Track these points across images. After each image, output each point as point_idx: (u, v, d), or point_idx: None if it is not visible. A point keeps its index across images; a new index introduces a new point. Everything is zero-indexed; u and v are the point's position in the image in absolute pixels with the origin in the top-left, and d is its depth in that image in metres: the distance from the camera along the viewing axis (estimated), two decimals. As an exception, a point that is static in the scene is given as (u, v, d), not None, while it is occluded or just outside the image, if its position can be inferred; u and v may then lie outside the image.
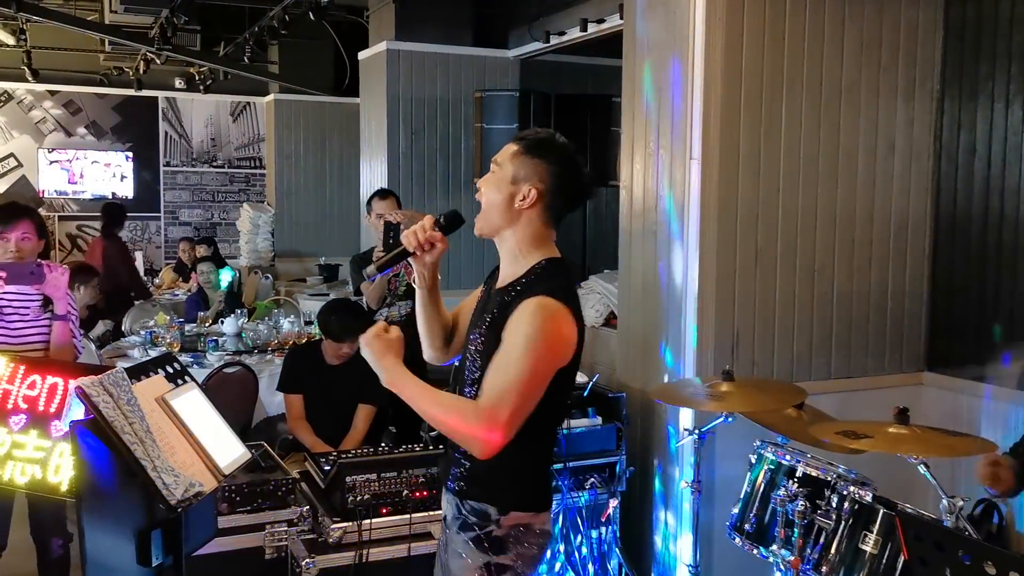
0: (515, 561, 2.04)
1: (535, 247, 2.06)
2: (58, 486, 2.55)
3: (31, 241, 3.16)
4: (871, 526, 2.31)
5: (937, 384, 3.77)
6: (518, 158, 2.05)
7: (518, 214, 2.04)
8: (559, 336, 1.96)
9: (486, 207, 2.07)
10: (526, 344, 1.92)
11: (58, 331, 3.14)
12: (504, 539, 2.03)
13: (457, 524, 2.09)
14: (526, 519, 2.05)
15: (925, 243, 3.83)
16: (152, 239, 11.00)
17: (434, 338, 2.27)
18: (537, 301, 1.95)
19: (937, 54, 3.77)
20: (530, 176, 2.03)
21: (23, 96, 10.42)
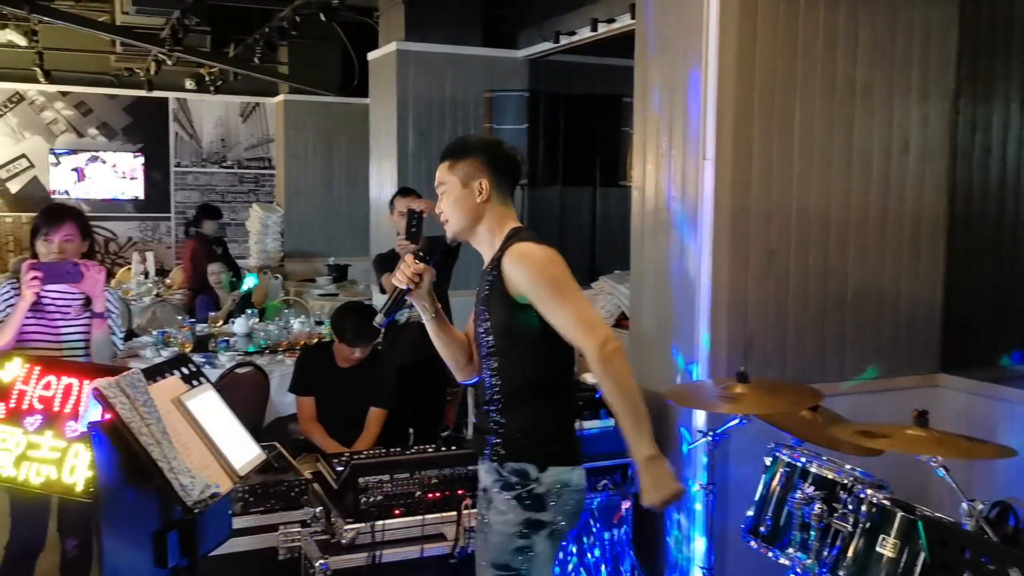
0: (554, 517, 2.23)
1: (502, 227, 2.34)
2: (73, 486, 2.55)
3: (74, 242, 3.20)
4: (888, 529, 2.29)
5: (952, 386, 3.75)
6: (454, 167, 2.35)
7: (481, 209, 2.33)
8: (552, 257, 2.22)
9: (454, 218, 2.35)
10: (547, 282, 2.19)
11: (97, 329, 3.16)
12: (544, 496, 2.22)
13: (499, 485, 2.26)
14: (564, 474, 2.24)
15: (940, 244, 3.80)
16: (162, 239, 11.04)
17: (457, 358, 2.48)
18: (513, 250, 2.23)
19: (952, 54, 3.74)
20: (473, 173, 2.32)
21: (35, 97, 10.46)
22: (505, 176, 2.36)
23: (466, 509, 2.96)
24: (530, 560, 2.24)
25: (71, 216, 3.26)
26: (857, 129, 3.59)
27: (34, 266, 3.04)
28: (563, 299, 2.17)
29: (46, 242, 3.18)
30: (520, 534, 2.23)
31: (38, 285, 3.02)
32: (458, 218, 2.34)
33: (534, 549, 2.24)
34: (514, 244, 2.25)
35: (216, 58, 9.11)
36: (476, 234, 2.36)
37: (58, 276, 3.07)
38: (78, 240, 3.22)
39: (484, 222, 2.34)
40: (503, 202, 2.36)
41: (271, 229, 10.36)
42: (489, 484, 2.31)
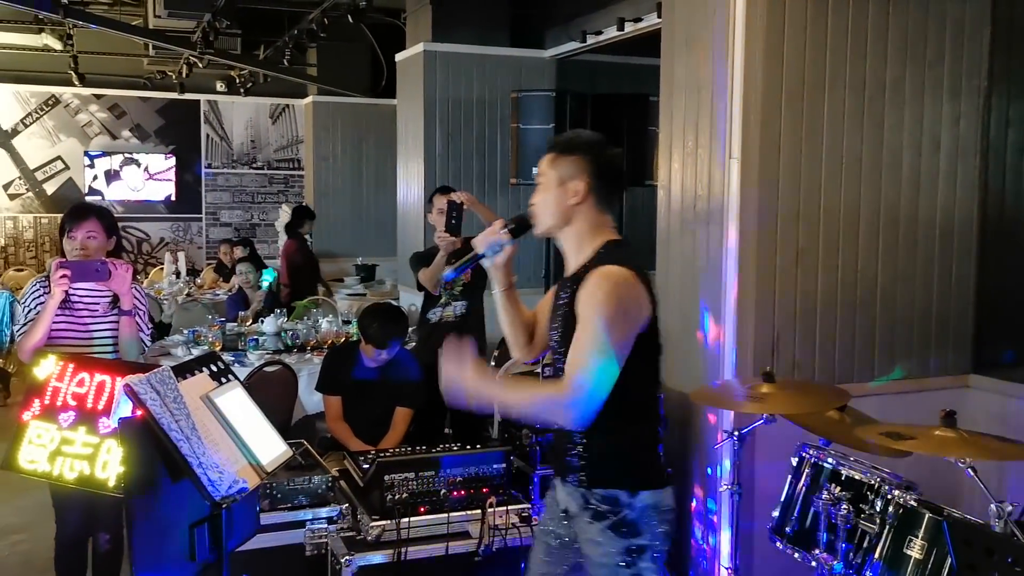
0: (652, 540, 2.18)
1: (594, 235, 2.22)
2: (105, 482, 2.60)
3: (97, 239, 3.23)
4: (916, 531, 2.26)
5: (984, 387, 3.69)
6: (556, 161, 2.24)
7: (572, 210, 2.21)
8: (627, 297, 2.09)
9: (543, 213, 2.25)
10: (596, 310, 2.06)
11: (125, 326, 3.20)
12: (638, 521, 2.16)
13: (588, 515, 2.19)
14: (655, 497, 2.18)
15: (972, 243, 3.74)
16: (194, 240, 11.18)
17: (518, 336, 2.42)
18: (604, 271, 2.11)
19: (984, 50, 3.69)
20: (573, 173, 2.21)
21: (70, 100, 10.66)
22: (606, 182, 2.24)
23: (490, 507, 2.98)
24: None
25: (94, 213, 3.29)
26: (887, 127, 3.55)
27: (62, 264, 3.07)
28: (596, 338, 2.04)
29: (70, 239, 3.23)
30: (624, 563, 2.16)
31: (66, 283, 3.05)
32: (547, 216, 2.24)
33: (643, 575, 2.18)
34: (608, 265, 2.12)
35: (246, 60, 9.22)
36: (564, 236, 2.26)
37: (86, 274, 3.10)
38: (102, 238, 3.25)
39: (574, 225, 2.22)
40: (600, 209, 2.23)
41: (300, 230, 10.45)
42: (575, 510, 2.24)
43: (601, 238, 2.22)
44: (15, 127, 10.52)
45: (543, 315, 2.40)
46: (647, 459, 2.23)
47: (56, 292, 3.07)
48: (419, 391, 4.10)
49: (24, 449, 2.69)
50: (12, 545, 4.44)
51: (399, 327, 4.06)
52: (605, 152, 2.25)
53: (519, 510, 3.07)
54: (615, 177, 2.27)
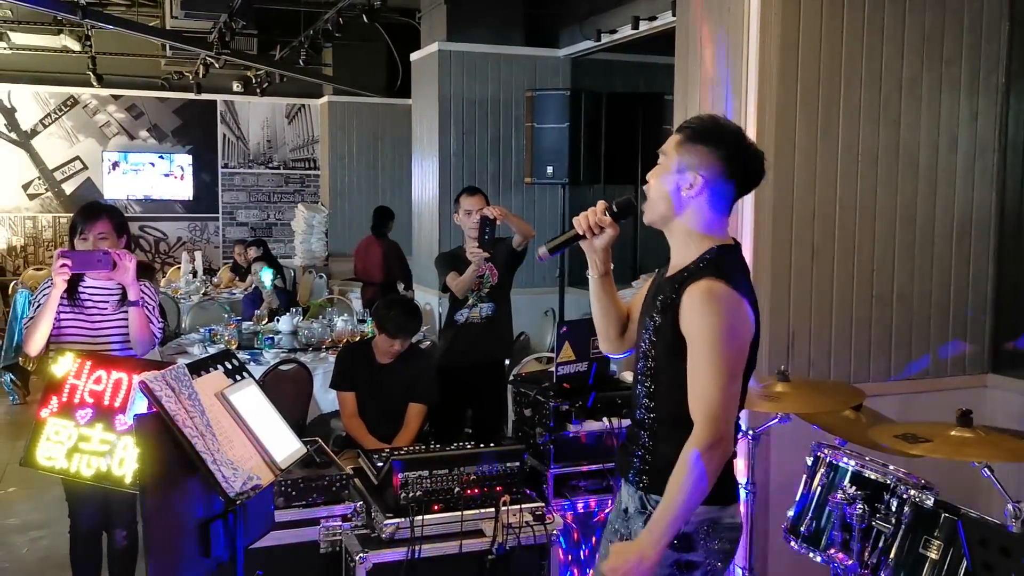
0: (705, 558, 2.03)
1: (705, 235, 2.05)
2: (122, 478, 2.63)
3: (108, 239, 3.25)
4: (933, 531, 2.25)
5: (1002, 387, 3.66)
6: (683, 146, 2.05)
7: (686, 202, 2.03)
8: (735, 317, 1.95)
9: (653, 197, 2.08)
10: (712, 344, 1.93)
11: (133, 317, 3.22)
12: (693, 535, 2.02)
13: (644, 519, 2.07)
14: (714, 513, 2.03)
15: (989, 241, 3.71)
16: (210, 239, 11.25)
17: (609, 327, 2.28)
18: (706, 286, 1.95)
19: (1003, 47, 3.66)
20: (695, 164, 2.01)
21: (88, 101, 10.75)
22: (729, 184, 2.04)
23: (504, 506, 2.98)
24: None
25: (105, 213, 3.31)
26: (903, 125, 3.52)
27: (64, 253, 3.08)
28: (715, 368, 1.93)
29: (82, 239, 3.25)
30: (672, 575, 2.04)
31: (67, 272, 3.06)
32: (658, 202, 2.07)
33: None
34: (707, 279, 1.96)
35: (262, 60, 9.27)
36: (671, 229, 2.09)
37: (88, 264, 3.10)
38: (113, 238, 3.27)
39: (684, 219, 2.05)
40: (715, 208, 2.04)
41: (316, 229, 10.51)
42: (633, 511, 2.15)
43: (711, 240, 2.04)
44: (34, 127, 10.63)
45: (637, 309, 2.25)
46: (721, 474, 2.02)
47: (57, 281, 3.08)
48: (432, 387, 4.10)
49: (42, 446, 2.72)
50: (32, 541, 4.49)
51: (414, 321, 4.08)
52: (740, 148, 2.04)
53: (533, 509, 3.07)
54: (745, 178, 2.06)
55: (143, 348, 3.26)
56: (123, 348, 3.28)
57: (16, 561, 4.29)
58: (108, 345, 3.26)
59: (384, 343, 4.01)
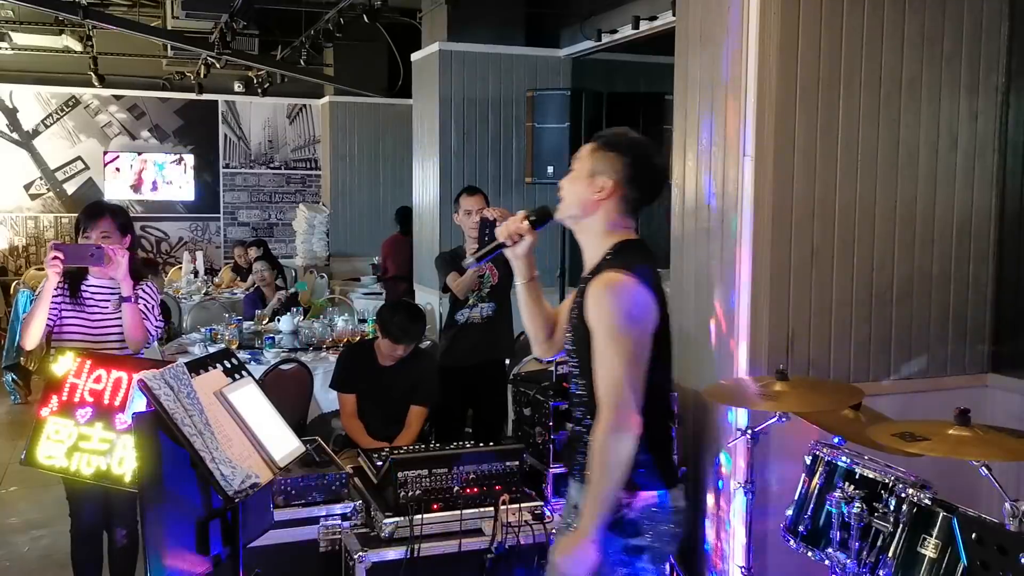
0: (652, 541, 2.14)
1: (610, 235, 2.19)
2: (122, 477, 2.63)
3: (111, 238, 3.27)
4: (930, 530, 2.25)
5: (1002, 386, 3.66)
6: (595, 154, 2.21)
7: (596, 205, 2.19)
8: (630, 302, 2.07)
9: (566, 200, 2.24)
10: (611, 331, 2.05)
11: (126, 314, 3.23)
12: (639, 521, 2.13)
13: None
14: (656, 497, 2.14)
15: (989, 241, 3.71)
16: (212, 239, 11.26)
17: (538, 331, 2.40)
18: (606, 278, 2.09)
19: (1002, 46, 3.65)
20: (605, 169, 2.18)
21: (89, 101, 10.76)
22: (636, 190, 2.19)
23: (503, 505, 2.98)
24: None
25: (108, 212, 3.33)
26: (903, 124, 3.52)
27: (56, 246, 3.09)
28: (614, 351, 2.05)
29: (84, 238, 3.27)
30: (621, 562, 2.15)
31: (58, 264, 3.07)
32: (570, 203, 2.22)
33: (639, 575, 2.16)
34: (608, 272, 2.11)
35: (263, 61, 9.28)
36: (580, 229, 2.25)
37: (80, 258, 3.11)
38: (116, 237, 3.29)
39: (593, 221, 2.21)
40: (623, 212, 2.20)
41: (317, 229, 10.52)
42: (580, 504, 2.21)
43: (615, 237, 2.19)
44: (36, 128, 10.64)
45: (564, 314, 2.37)
46: (650, 459, 2.15)
47: (50, 274, 3.09)
48: (434, 389, 4.11)
49: (42, 445, 2.73)
50: (33, 540, 4.50)
51: (418, 326, 4.08)
52: (645, 157, 2.20)
53: (532, 508, 3.08)
54: (648, 186, 2.21)
55: (137, 346, 3.27)
56: (124, 347, 3.29)
57: (17, 560, 4.30)
58: (109, 343, 3.27)
59: (387, 347, 4.01)
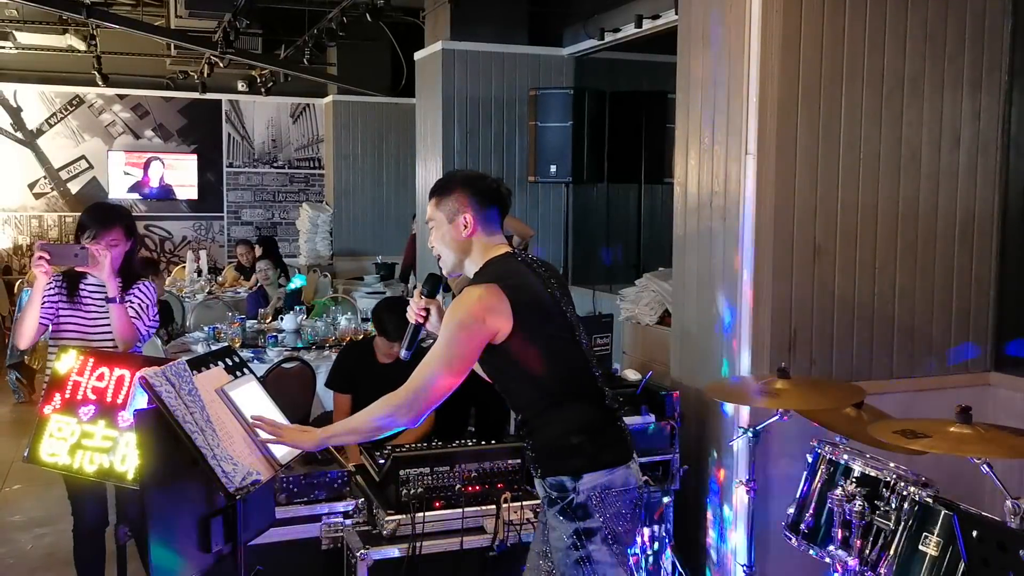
0: (603, 523, 2.23)
1: (485, 258, 2.37)
2: (124, 475, 2.64)
3: (118, 246, 3.29)
4: (932, 527, 2.24)
5: (1005, 385, 3.65)
6: (440, 203, 2.39)
7: (468, 243, 2.37)
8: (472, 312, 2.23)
9: (444, 254, 2.42)
10: (444, 330, 2.27)
11: (112, 313, 3.23)
12: (587, 503, 2.23)
13: (546, 501, 2.33)
14: (601, 479, 2.24)
15: (992, 239, 3.70)
16: (215, 238, 11.28)
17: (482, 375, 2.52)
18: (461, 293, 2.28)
19: (1005, 43, 3.64)
20: (459, 208, 2.36)
21: (94, 100, 10.78)
22: (489, 208, 2.39)
23: (505, 503, 2.98)
24: (593, 569, 2.25)
25: (117, 220, 3.34)
26: (905, 122, 3.52)
27: (42, 247, 3.11)
28: (445, 342, 2.23)
29: (94, 243, 3.26)
30: (574, 545, 2.25)
31: (44, 265, 3.10)
32: (447, 253, 2.41)
33: (593, 557, 2.25)
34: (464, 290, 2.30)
35: (267, 60, 9.28)
36: (465, 268, 2.42)
37: (65, 258, 3.14)
38: (124, 242, 3.32)
39: (471, 256, 2.39)
40: (489, 233, 2.40)
41: (320, 228, 10.52)
42: (543, 498, 2.38)
43: (485, 261, 2.36)
44: (40, 127, 10.66)
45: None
46: (586, 442, 2.27)
47: (37, 275, 3.13)
48: None
49: (45, 443, 2.74)
50: (36, 538, 4.51)
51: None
52: (481, 182, 2.40)
53: (533, 506, 3.07)
54: (493, 195, 2.40)
55: (125, 345, 3.26)
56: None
57: (20, 558, 4.32)
58: (105, 342, 3.27)
59: (384, 345, 4.00)
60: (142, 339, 3.36)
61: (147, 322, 3.35)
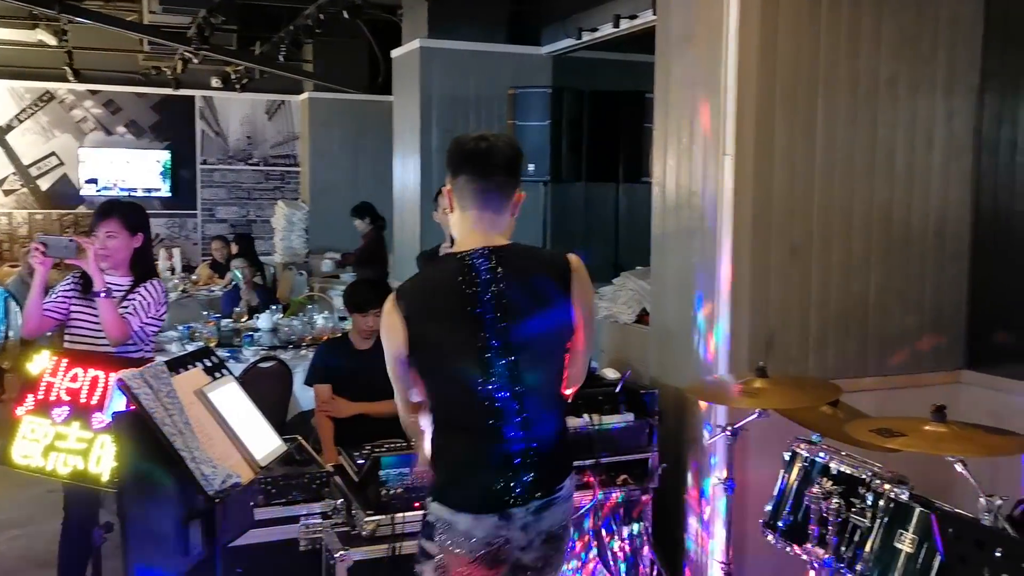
0: (440, 552, 2.08)
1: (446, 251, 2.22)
2: (99, 477, 2.60)
3: (116, 238, 3.35)
4: (907, 525, 2.27)
5: (977, 383, 3.70)
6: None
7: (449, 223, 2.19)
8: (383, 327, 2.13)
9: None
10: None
11: (100, 308, 3.23)
12: (433, 525, 2.10)
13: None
14: (445, 514, 2.07)
15: (965, 239, 3.76)
16: (189, 236, 11.17)
17: None
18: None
19: (978, 47, 3.70)
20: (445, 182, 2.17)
21: (64, 96, 10.63)
22: (457, 176, 2.11)
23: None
24: None
25: (116, 212, 3.40)
26: (881, 124, 3.56)
27: (40, 238, 3.23)
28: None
29: (94, 236, 3.34)
30: (417, 559, 2.16)
31: (39, 256, 3.18)
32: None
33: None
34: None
35: (242, 56, 9.21)
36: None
37: (57, 250, 3.22)
38: (124, 235, 3.36)
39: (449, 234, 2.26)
40: (463, 208, 2.12)
41: (296, 226, 10.45)
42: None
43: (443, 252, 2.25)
44: (9, 123, 10.50)
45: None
46: (441, 475, 2.13)
47: (35, 267, 3.22)
48: None
49: (18, 444, 2.69)
50: (10, 540, 4.45)
51: (381, 293, 4.09)
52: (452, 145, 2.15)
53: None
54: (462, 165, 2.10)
55: (114, 341, 3.26)
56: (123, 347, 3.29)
57: (-7, 560, 4.26)
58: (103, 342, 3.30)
59: (359, 322, 4.04)
60: (136, 338, 3.34)
61: (143, 319, 3.34)
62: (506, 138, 2.13)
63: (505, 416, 2.05)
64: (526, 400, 2.05)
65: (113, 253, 3.33)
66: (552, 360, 2.13)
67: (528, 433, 2.06)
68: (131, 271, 3.41)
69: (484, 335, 2.03)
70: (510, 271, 2.05)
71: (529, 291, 2.06)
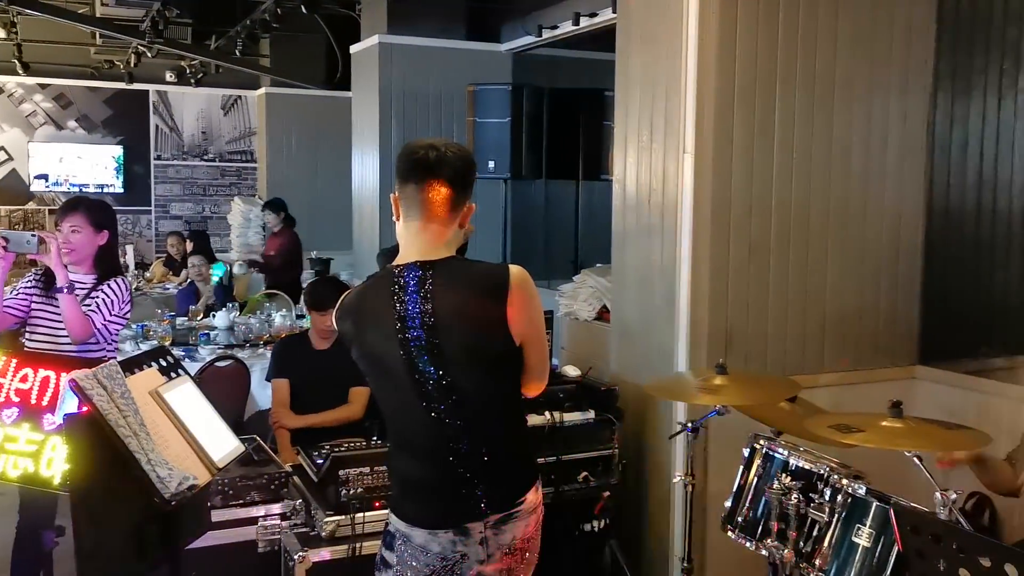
0: (398, 563, 2.06)
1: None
2: (50, 479, 2.54)
3: (81, 233, 3.30)
4: (864, 519, 2.31)
5: (930, 378, 3.79)
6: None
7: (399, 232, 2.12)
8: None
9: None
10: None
11: (63, 304, 3.17)
12: (394, 535, 2.08)
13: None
14: (401, 526, 2.06)
15: (918, 237, 3.83)
16: (143, 233, 10.96)
17: None
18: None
19: (931, 49, 3.77)
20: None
21: (13, 89, 10.35)
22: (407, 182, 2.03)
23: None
24: None
25: (83, 207, 3.35)
26: (836, 123, 3.61)
27: (1, 234, 3.18)
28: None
29: (58, 231, 3.29)
30: (376, 567, 2.15)
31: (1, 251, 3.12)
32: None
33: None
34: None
35: (197, 50, 9.05)
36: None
37: (19, 245, 3.19)
38: (89, 231, 3.30)
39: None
40: (407, 219, 2.06)
41: (253, 223, 10.29)
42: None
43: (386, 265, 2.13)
44: (-44, 116, 10.21)
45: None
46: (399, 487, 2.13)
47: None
48: None
49: (-35, 447, 2.61)
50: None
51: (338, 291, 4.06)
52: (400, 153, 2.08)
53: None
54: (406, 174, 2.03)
55: (76, 339, 3.21)
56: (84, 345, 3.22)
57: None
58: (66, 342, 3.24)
59: (318, 321, 4.00)
60: (99, 336, 3.27)
61: (107, 317, 3.27)
62: (456, 148, 2.06)
63: (447, 433, 2.01)
64: (467, 416, 2.01)
65: (77, 248, 3.27)
66: (492, 376, 2.04)
67: (473, 448, 2.01)
68: (95, 268, 3.34)
69: (413, 353, 1.98)
70: (439, 287, 1.99)
71: (457, 308, 1.98)
